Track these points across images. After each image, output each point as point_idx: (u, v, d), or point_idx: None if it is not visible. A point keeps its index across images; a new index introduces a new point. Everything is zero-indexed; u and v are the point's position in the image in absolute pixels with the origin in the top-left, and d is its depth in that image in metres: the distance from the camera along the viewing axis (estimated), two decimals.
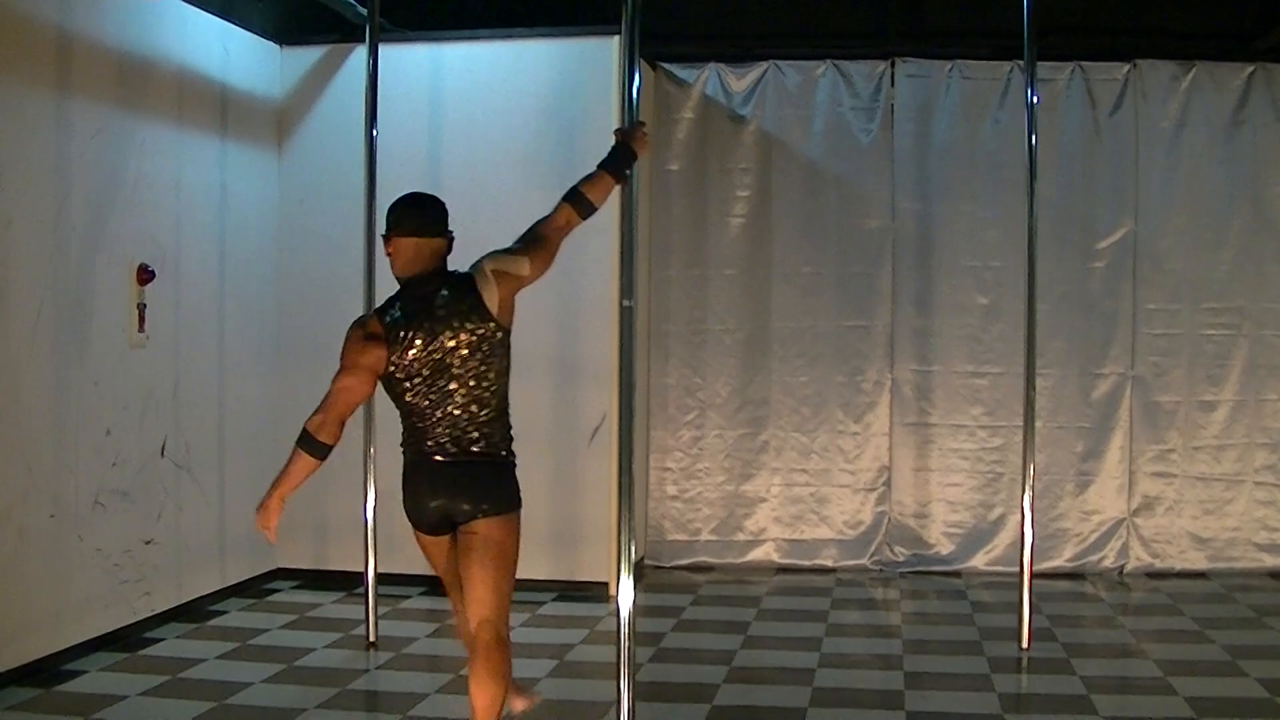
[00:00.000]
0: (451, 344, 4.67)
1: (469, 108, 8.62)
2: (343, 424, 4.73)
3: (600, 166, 5.10)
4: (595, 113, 8.34)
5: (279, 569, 8.79)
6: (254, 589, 8.47)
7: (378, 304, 6.97)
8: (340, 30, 8.62)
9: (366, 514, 7.12)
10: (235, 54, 8.27)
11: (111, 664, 6.70)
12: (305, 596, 8.37)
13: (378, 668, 6.81)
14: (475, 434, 4.73)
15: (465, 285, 4.72)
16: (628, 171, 5.22)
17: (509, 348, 4.81)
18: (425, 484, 4.76)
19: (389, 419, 7.84)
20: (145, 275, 7.24)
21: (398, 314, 4.72)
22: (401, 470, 4.85)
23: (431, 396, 4.70)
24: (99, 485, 6.94)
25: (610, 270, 8.14)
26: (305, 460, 4.68)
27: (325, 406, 4.69)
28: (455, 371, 4.69)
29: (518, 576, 8.40)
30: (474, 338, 4.68)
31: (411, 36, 8.68)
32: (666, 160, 9.43)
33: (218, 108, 8.12)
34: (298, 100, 8.80)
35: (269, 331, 8.72)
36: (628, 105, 5.42)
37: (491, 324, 4.70)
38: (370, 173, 7.14)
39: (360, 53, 7.99)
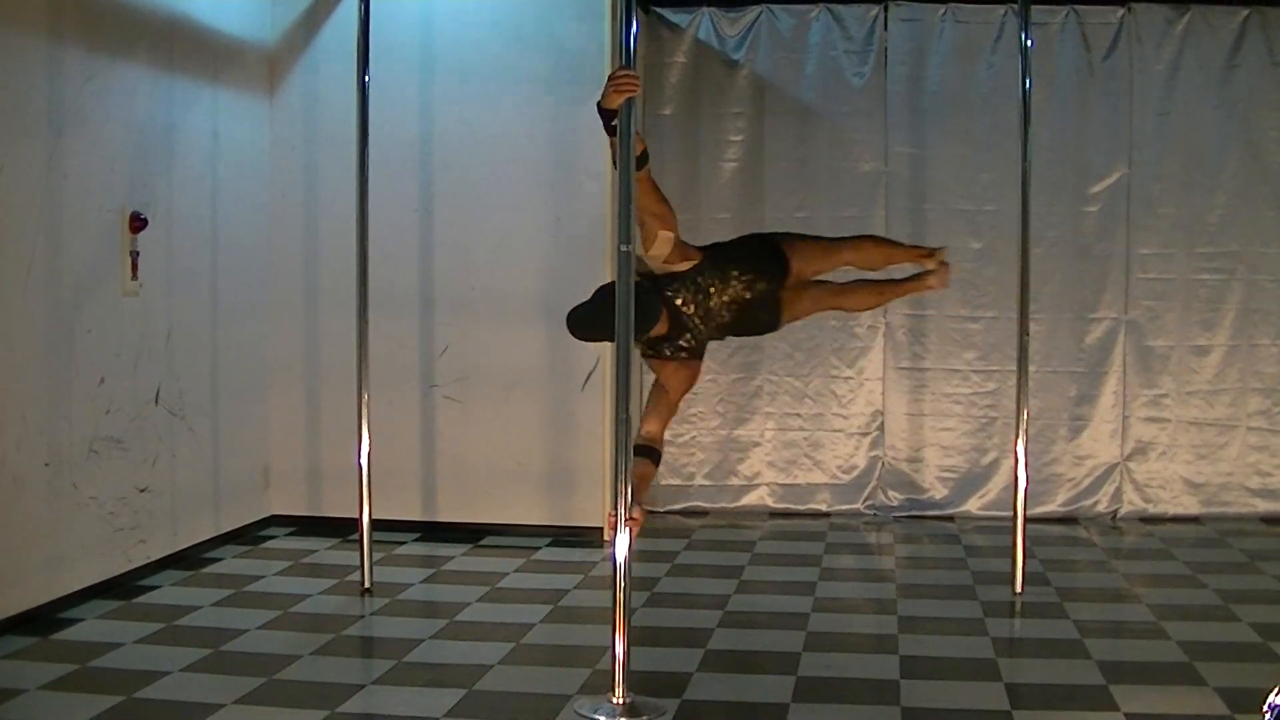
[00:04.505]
0: None
1: (461, 52, 8.54)
2: None
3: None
4: (589, 58, 8.29)
5: (273, 515, 8.80)
6: (249, 535, 8.48)
7: (369, 251, 7.03)
8: None
9: (360, 460, 7.11)
10: None
11: (107, 611, 6.70)
12: (300, 543, 8.38)
13: (373, 614, 6.82)
14: None
15: None
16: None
17: None
18: None
19: (383, 367, 7.91)
20: (137, 223, 7.19)
21: None
22: None
23: None
24: (93, 433, 6.92)
25: (603, 214, 8.13)
26: None
27: None
28: None
29: (513, 522, 8.44)
30: None
31: None
32: (659, 105, 9.37)
33: (209, 53, 8.04)
34: (289, 45, 8.71)
35: (262, 278, 8.69)
36: (624, 52, 5.37)
37: None
38: (362, 119, 7.07)
39: None
